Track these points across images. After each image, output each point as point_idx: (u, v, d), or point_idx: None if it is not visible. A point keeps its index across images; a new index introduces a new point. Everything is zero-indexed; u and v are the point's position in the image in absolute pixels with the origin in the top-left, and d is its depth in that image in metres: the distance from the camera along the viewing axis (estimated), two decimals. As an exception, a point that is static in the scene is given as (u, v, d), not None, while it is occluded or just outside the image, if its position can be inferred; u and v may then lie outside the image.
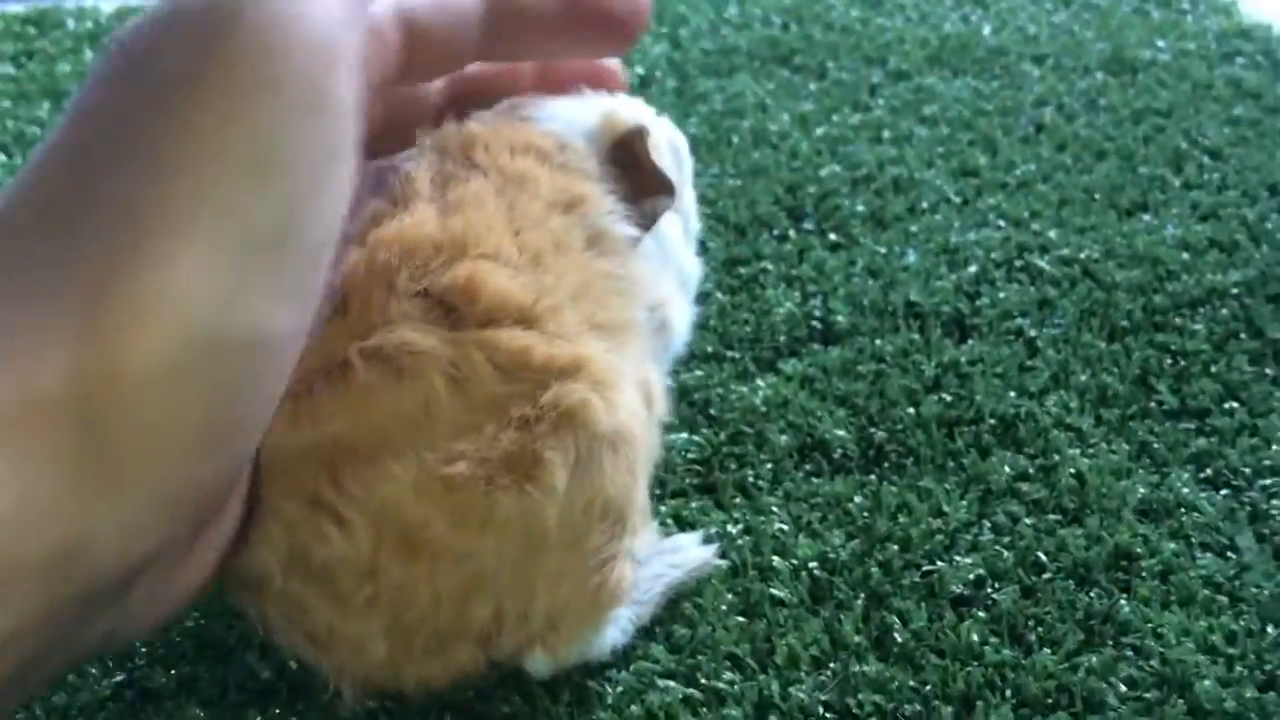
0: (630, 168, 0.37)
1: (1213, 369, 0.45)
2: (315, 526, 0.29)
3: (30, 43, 0.71)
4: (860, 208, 0.54)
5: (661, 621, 0.36)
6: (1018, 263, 0.51)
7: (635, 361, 0.33)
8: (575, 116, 0.38)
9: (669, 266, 0.40)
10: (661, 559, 0.36)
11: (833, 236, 0.53)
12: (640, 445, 0.32)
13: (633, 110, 0.40)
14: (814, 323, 0.48)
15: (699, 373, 0.45)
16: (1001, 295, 0.49)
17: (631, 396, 0.32)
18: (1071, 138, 0.61)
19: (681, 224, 0.43)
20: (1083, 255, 0.51)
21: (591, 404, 0.30)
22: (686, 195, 0.44)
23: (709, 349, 0.47)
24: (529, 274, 0.32)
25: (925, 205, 0.55)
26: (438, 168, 0.34)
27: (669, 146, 0.42)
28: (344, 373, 0.29)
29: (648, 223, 0.37)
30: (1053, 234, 0.52)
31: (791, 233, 0.53)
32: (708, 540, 0.38)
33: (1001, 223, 0.54)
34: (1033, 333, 0.47)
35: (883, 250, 0.52)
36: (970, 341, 0.46)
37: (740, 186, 0.56)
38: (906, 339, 0.46)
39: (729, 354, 0.46)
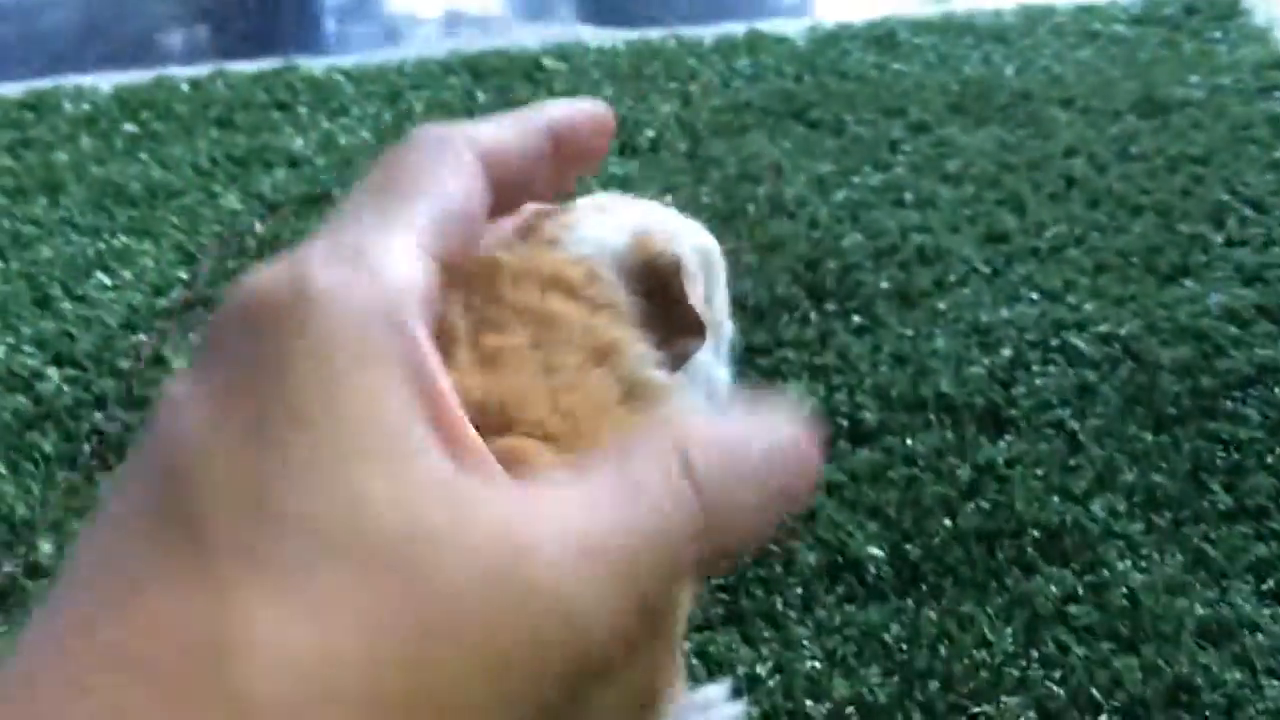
0: (663, 301, 0.35)
1: (1268, 459, 0.42)
2: None
3: (26, 130, 0.69)
4: (885, 284, 0.52)
5: (689, 781, 0.34)
6: (1054, 341, 0.48)
7: None
8: (604, 238, 0.36)
9: (698, 385, 0.38)
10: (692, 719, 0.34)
11: (856, 319, 0.50)
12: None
13: (662, 222, 0.38)
14: (841, 419, 0.45)
15: (721, 481, 0.43)
16: (1039, 382, 0.46)
17: None
18: (1104, 192, 0.58)
19: (712, 340, 0.40)
20: (1123, 331, 0.48)
21: None
22: (720, 302, 0.41)
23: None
24: (569, 446, 0.30)
25: (953, 278, 0.52)
26: (467, 303, 0.33)
27: (698, 257, 0.40)
28: None
29: (678, 364, 0.35)
30: (1089, 307, 0.50)
31: (813, 314, 0.51)
32: (736, 688, 0.35)
33: (1035, 295, 0.51)
34: (1074, 425, 0.44)
35: (910, 333, 0.49)
36: (1008, 438, 0.44)
37: (758, 262, 0.54)
38: (939, 436, 0.44)
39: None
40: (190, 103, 0.69)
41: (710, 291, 0.38)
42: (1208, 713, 0.34)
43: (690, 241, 0.38)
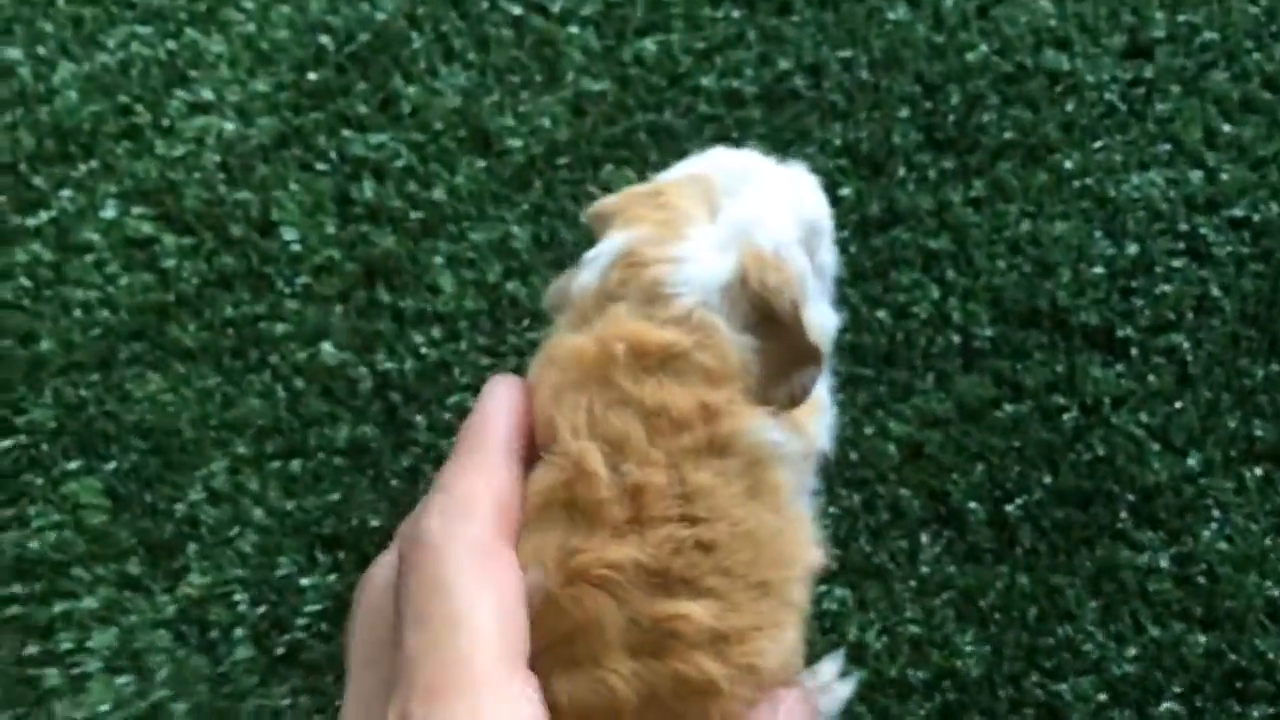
0: (777, 329, 0.35)
1: (1372, 394, 0.43)
2: None
3: None
4: (1009, 133, 0.49)
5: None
6: (1182, 227, 0.47)
7: (793, 604, 0.35)
8: (711, 270, 0.35)
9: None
10: (807, 706, 0.40)
11: (976, 185, 0.48)
12: None
13: (767, 217, 0.37)
14: (953, 333, 0.46)
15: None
16: (1159, 290, 0.46)
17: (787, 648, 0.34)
18: (1271, -30, 0.51)
19: (820, 288, 0.40)
20: (1256, 217, 0.46)
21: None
22: (826, 249, 0.41)
23: (840, 369, 0.46)
24: (721, 591, 0.33)
25: (1084, 121, 0.49)
26: (591, 414, 0.34)
27: (805, 231, 0.39)
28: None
29: (797, 399, 0.36)
30: (1225, 175, 0.47)
31: (931, 172, 0.49)
32: (845, 669, 0.41)
33: (1169, 150, 0.48)
34: (1186, 350, 0.45)
35: (1031, 210, 0.48)
36: (1119, 367, 0.45)
37: (874, 85, 0.50)
38: (1050, 368, 0.45)
39: (863, 373, 0.46)
40: None
41: (819, 246, 0.38)
42: (1257, 699, 0.40)
43: (794, 218, 0.38)
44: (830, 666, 0.41)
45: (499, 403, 0.35)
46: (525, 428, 0.35)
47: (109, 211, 0.51)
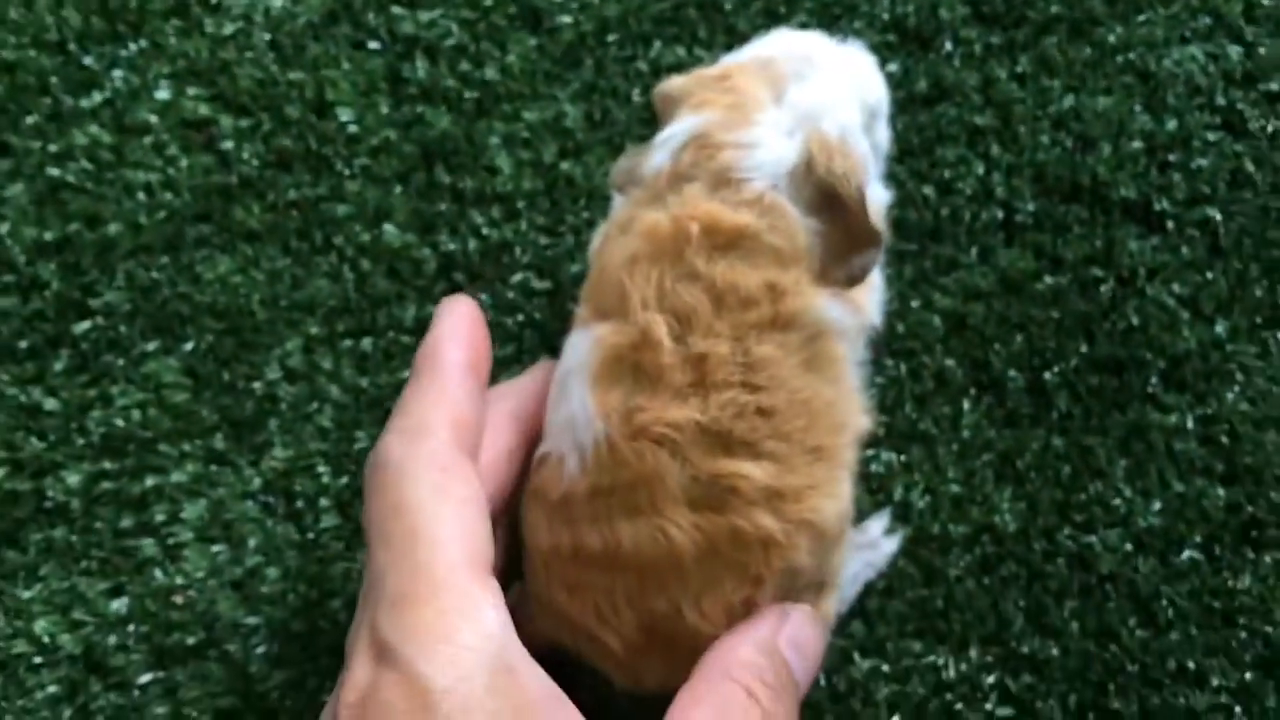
0: (840, 213, 0.37)
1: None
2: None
3: None
4: (1055, 6, 0.50)
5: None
6: (1220, 101, 0.48)
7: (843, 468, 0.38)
8: (779, 155, 0.37)
9: None
10: (858, 557, 0.44)
11: (1023, 60, 0.50)
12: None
13: (832, 100, 0.38)
14: (996, 208, 0.48)
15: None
16: (1195, 163, 0.48)
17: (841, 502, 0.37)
18: None
19: (875, 167, 0.42)
20: (1292, 91, 0.48)
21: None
22: (882, 129, 0.43)
23: (888, 244, 0.48)
24: (779, 454, 0.36)
25: (1129, -5, 0.50)
26: (660, 286, 0.36)
27: (862, 102, 0.40)
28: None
29: (859, 278, 0.38)
30: (1264, 49, 0.49)
31: (977, 47, 0.50)
32: (890, 526, 0.45)
33: (1210, 24, 0.49)
34: (1219, 222, 0.47)
35: (1075, 85, 0.49)
36: (1155, 239, 0.47)
37: (921, -43, 0.51)
38: (1089, 242, 0.47)
39: (909, 248, 0.48)
40: None
41: (876, 127, 0.40)
42: (1269, 546, 0.43)
43: (856, 101, 0.40)
44: (877, 524, 0.44)
45: (452, 324, 0.38)
46: (479, 344, 0.38)
47: (163, 92, 0.52)
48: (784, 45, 0.41)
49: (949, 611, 0.44)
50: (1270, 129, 0.47)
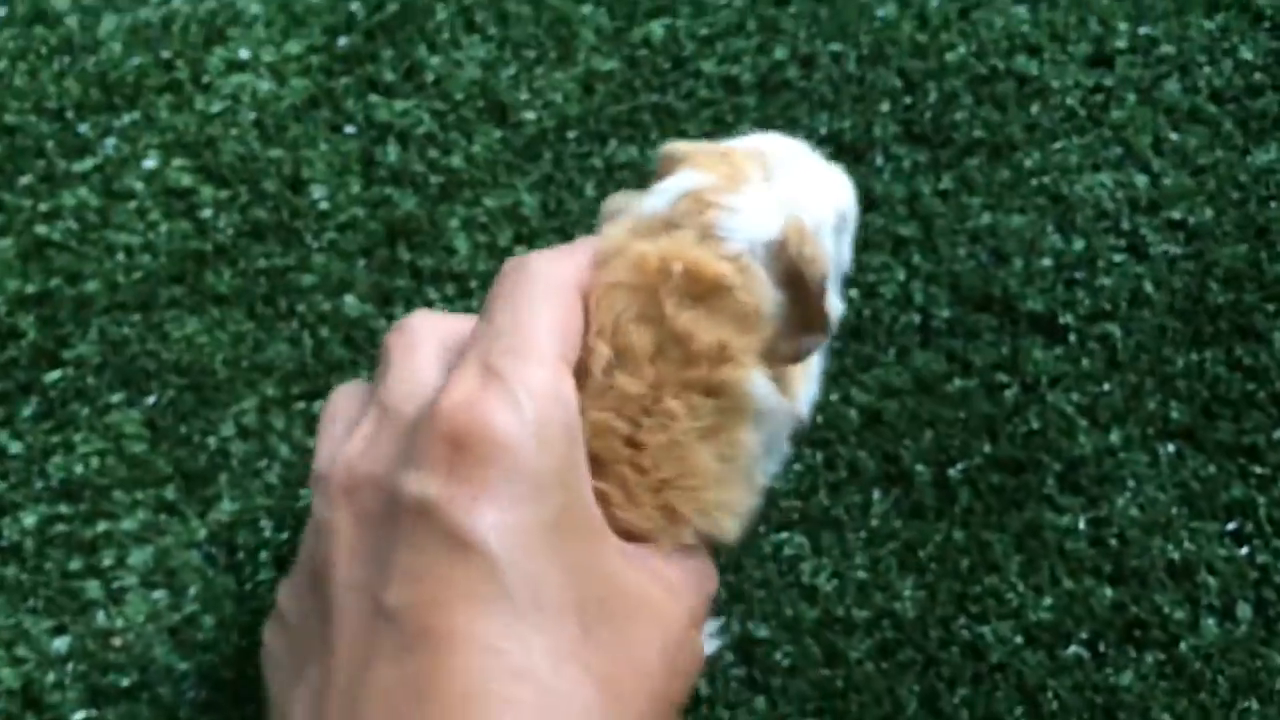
0: (800, 295, 0.40)
1: (1277, 385, 0.49)
2: None
3: None
4: (978, 131, 0.54)
5: (760, 668, 0.47)
6: (1125, 225, 0.52)
7: None
8: (759, 228, 0.40)
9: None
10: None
11: (946, 178, 0.53)
12: None
13: (807, 195, 0.41)
14: (915, 313, 0.51)
15: (804, 370, 0.51)
16: (1099, 282, 0.51)
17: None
18: (1229, -13, 0.56)
19: (835, 279, 0.44)
20: (1192, 220, 0.52)
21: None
22: (846, 245, 0.45)
23: (814, 341, 0.51)
24: (629, 487, 0.39)
25: (1047, 123, 0.54)
26: (618, 317, 0.40)
27: (837, 219, 0.43)
28: None
29: (799, 357, 0.42)
30: (1168, 180, 0.53)
31: (906, 163, 0.54)
32: (720, 626, 0.47)
33: (1120, 152, 0.53)
34: (1119, 338, 0.50)
35: (992, 203, 0.53)
36: (1058, 350, 0.50)
37: (859, 78, 0.55)
38: (997, 350, 0.50)
39: (832, 345, 0.51)
40: None
41: (842, 239, 0.43)
42: (1150, 646, 0.46)
43: (831, 207, 0.43)
44: (707, 625, 0.47)
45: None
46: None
47: (151, 162, 0.56)
48: (777, 143, 0.44)
49: (848, 693, 0.46)
50: (1170, 253, 0.51)
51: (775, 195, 0.41)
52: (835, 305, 0.42)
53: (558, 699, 0.32)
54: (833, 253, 0.43)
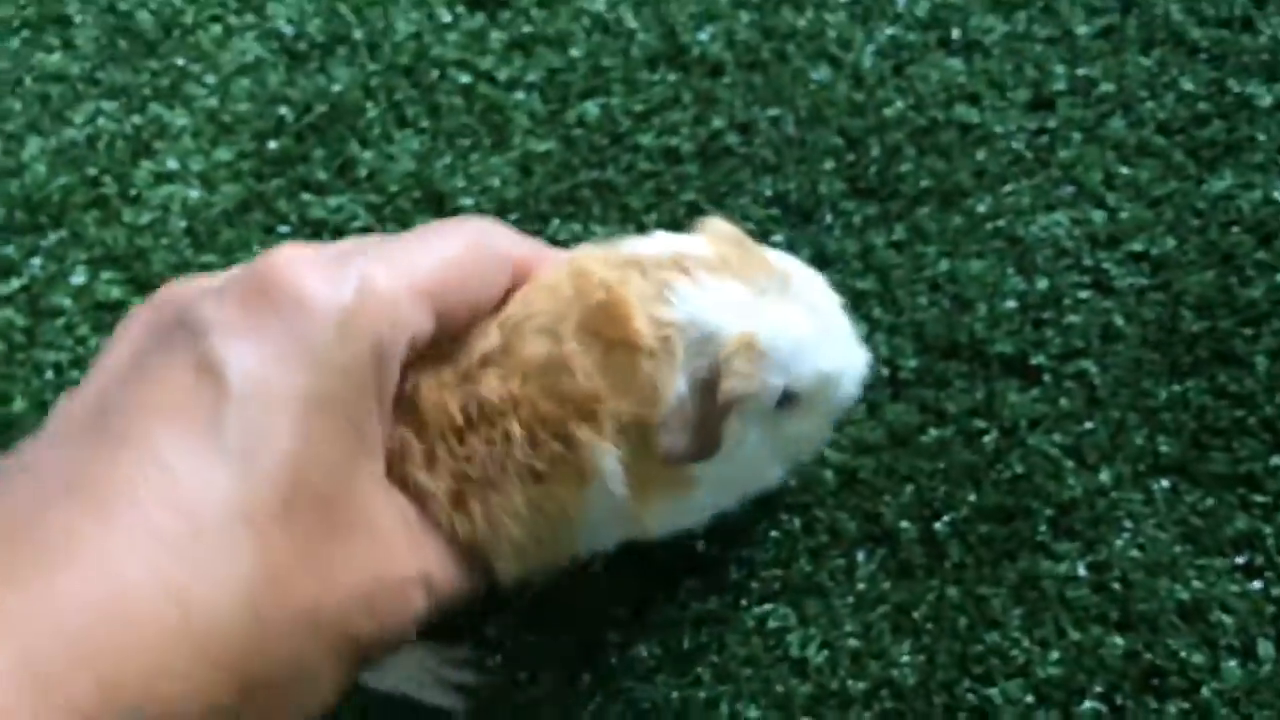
0: (704, 401, 0.38)
1: (1268, 410, 0.47)
2: None
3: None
4: (925, 181, 0.53)
5: (756, 754, 0.43)
6: (1087, 262, 0.51)
7: None
8: (714, 316, 0.37)
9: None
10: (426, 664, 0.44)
11: (898, 229, 0.52)
12: None
13: (785, 329, 0.39)
14: (881, 365, 0.49)
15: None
16: (1067, 320, 0.49)
17: None
18: (1160, 24, 0.56)
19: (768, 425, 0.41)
20: (1154, 251, 0.50)
21: None
22: (807, 418, 0.41)
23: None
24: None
25: (995, 169, 0.53)
26: (521, 320, 0.38)
27: (818, 370, 0.40)
28: None
29: (664, 459, 0.38)
30: (1125, 214, 0.51)
31: (856, 218, 0.52)
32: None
33: (1073, 192, 0.52)
34: (1095, 375, 0.48)
35: (948, 250, 0.51)
36: (1034, 392, 0.48)
37: (800, 140, 0.54)
38: (970, 395, 0.48)
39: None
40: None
41: (798, 412, 0.40)
42: (1171, 694, 0.43)
43: (815, 368, 0.39)
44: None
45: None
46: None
47: (79, 278, 0.54)
48: (820, 290, 0.41)
49: (850, 772, 0.42)
50: (1136, 285, 0.50)
51: (761, 310, 0.38)
52: (734, 437, 0.39)
53: (203, 551, 0.30)
54: (773, 393, 0.39)
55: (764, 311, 0.39)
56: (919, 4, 0.58)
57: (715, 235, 0.41)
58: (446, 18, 0.59)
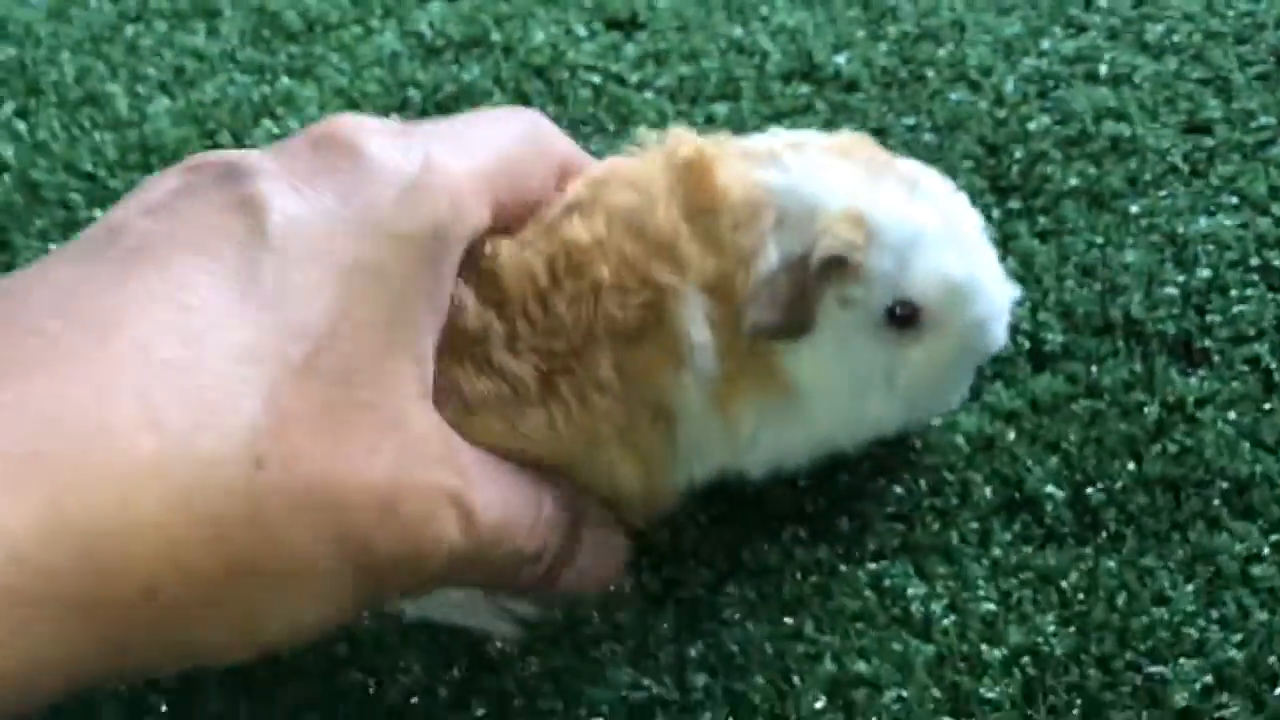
0: (798, 280, 0.34)
1: None
2: None
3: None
4: (1074, 180, 0.49)
5: (860, 715, 0.35)
6: (1254, 261, 0.46)
7: None
8: (820, 187, 0.35)
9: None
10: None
11: (1042, 220, 0.48)
12: None
13: (893, 203, 0.36)
14: (1022, 338, 0.44)
15: (896, 397, 0.43)
16: (1236, 309, 0.44)
17: None
18: (1320, 77, 0.53)
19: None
20: (1333, 256, 0.45)
21: None
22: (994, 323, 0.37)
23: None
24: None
25: (1148, 176, 0.50)
26: (672, 189, 0.35)
27: (934, 233, 0.36)
28: None
29: (751, 331, 0.34)
30: (1295, 222, 0.47)
31: (995, 211, 0.49)
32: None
33: (1235, 201, 0.48)
34: (1271, 362, 0.42)
35: (1099, 240, 0.47)
36: (1200, 373, 0.42)
37: (937, 145, 0.51)
38: (1127, 368, 0.43)
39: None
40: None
41: (939, 341, 0.35)
42: (1390, 694, 0.34)
43: (937, 269, 0.35)
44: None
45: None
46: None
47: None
48: (960, 199, 0.38)
49: (983, 746, 0.34)
50: (1314, 283, 0.45)
51: (877, 193, 0.35)
52: (836, 330, 0.35)
53: (203, 386, 0.25)
54: (876, 287, 0.35)
55: (880, 195, 0.35)
56: (1064, 43, 0.56)
57: (845, 138, 0.38)
58: (583, 32, 0.60)
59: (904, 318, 0.35)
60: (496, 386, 0.33)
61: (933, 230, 0.36)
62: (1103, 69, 0.55)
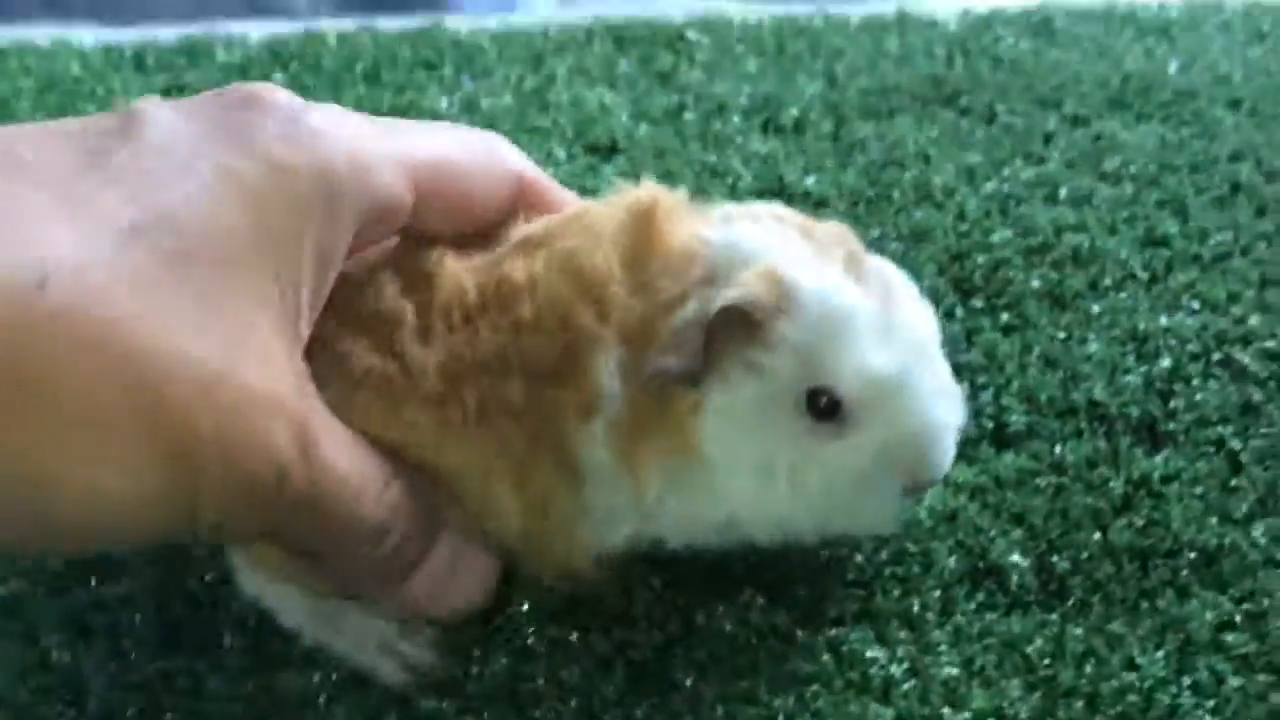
0: (722, 334, 0.33)
1: None
2: None
3: (181, 75, 0.70)
4: (1035, 283, 0.50)
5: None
6: (1216, 355, 0.46)
7: None
8: (751, 243, 0.35)
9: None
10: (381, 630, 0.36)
11: (1005, 317, 0.49)
12: None
13: (803, 266, 0.34)
14: (985, 420, 0.44)
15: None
16: (1199, 397, 0.44)
17: None
18: (1273, 201, 0.55)
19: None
20: (1293, 350, 0.46)
21: None
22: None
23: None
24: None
25: (1109, 281, 0.50)
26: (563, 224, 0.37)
27: (866, 321, 0.34)
28: None
29: (649, 377, 0.33)
30: (1254, 321, 0.47)
31: (959, 309, 0.49)
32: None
33: (1196, 305, 0.49)
34: (1235, 444, 0.42)
35: (1061, 335, 0.47)
36: (1165, 452, 0.42)
37: (903, 252, 0.52)
38: (1091, 446, 0.42)
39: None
40: (337, 57, 0.70)
41: (863, 442, 0.34)
42: (1374, 760, 0.32)
43: (861, 360, 0.33)
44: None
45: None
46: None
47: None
48: (917, 302, 0.36)
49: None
50: (1277, 376, 0.45)
51: (815, 266, 0.34)
52: (739, 390, 0.33)
53: (17, 225, 0.26)
54: (782, 354, 0.33)
55: (816, 267, 0.34)
56: (1025, 171, 0.59)
57: (824, 223, 0.38)
58: (563, 155, 0.62)
59: (825, 409, 0.33)
60: (389, 367, 0.33)
61: (867, 317, 0.33)
62: (1062, 192, 0.57)
